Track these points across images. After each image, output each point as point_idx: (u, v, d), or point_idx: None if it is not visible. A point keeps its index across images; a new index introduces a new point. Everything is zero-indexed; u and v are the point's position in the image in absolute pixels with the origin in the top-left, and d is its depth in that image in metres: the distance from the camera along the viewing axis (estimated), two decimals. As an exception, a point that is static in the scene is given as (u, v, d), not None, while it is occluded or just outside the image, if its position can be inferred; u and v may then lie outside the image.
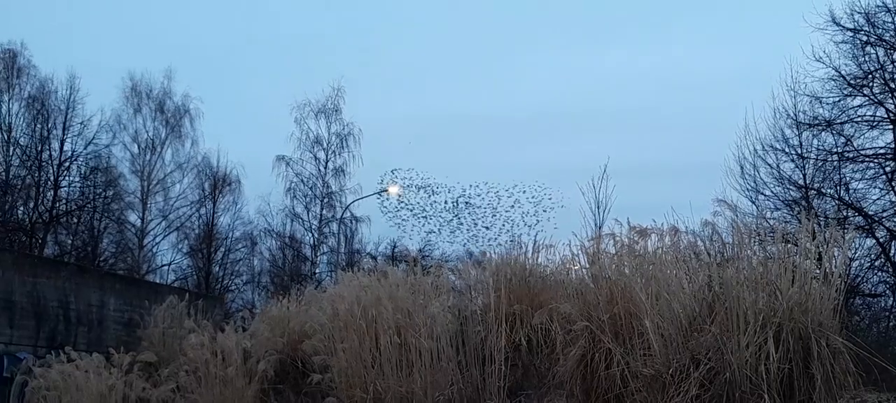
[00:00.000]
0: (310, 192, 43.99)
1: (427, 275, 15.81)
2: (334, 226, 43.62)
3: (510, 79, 65.00)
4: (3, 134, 37.30)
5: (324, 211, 43.95)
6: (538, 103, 62.90)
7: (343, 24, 66.42)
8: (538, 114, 60.37)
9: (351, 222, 43.81)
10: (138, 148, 40.78)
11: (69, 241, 38.24)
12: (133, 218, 40.27)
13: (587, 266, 14.00)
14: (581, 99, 62.58)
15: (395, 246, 44.32)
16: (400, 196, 42.65)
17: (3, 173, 36.85)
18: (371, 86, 62.08)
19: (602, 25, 66.21)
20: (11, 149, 37.22)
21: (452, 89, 64.85)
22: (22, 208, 37.37)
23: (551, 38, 65.97)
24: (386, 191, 41.88)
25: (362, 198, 42.61)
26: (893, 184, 20.44)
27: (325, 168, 44.19)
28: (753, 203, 21.55)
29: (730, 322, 11.04)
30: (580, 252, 14.21)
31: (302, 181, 43.98)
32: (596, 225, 17.45)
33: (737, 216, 13.15)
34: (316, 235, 43.71)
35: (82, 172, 38.56)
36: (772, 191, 21.82)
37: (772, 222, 17.06)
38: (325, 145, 44.35)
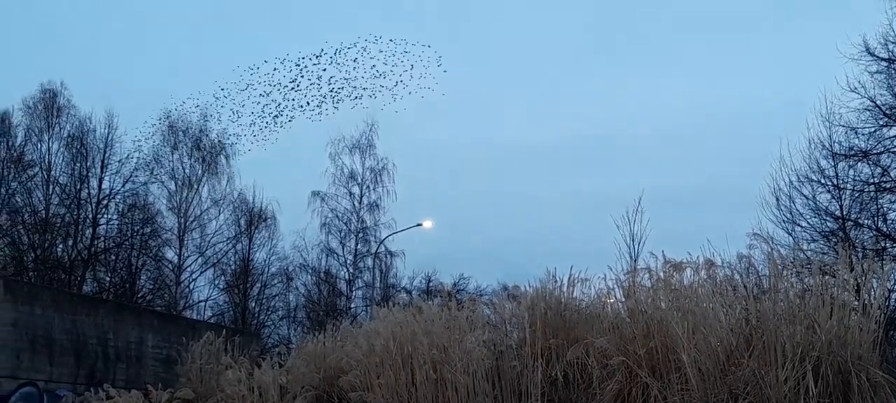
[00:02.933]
0: (344, 227, 44.28)
1: (462, 309, 15.78)
2: (369, 261, 43.81)
3: (541, 107, 64.83)
4: (43, 172, 37.92)
5: (358, 246, 44.21)
6: (569, 131, 62.67)
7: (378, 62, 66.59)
8: (569, 141, 60.17)
9: (386, 256, 44.04)
10: (175, 185, 41.25)
11: (108, 278, 38.70)
12: (170, 254, 40.69)
13: (623, 299, 13.96)
14: (611, 126, 62.42)
15: (429, 280, 44.46)
16: None
17: (43, 211, 37.39)
18: (404, 121, 62.19)
19: (634, 52, 66.03)
20: (51, 187, 37.82)
21: (484, 119, 64.82)
22: (61, 246, 37.91)
23: (581, 65, 65.89)
24: (420, 224, 41.93)
25: (397, 232, 42.80)
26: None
27: (360, 203, 44.49)
28: (790, 234, 21.44)
29: (768, 355, 10.95)
30: (616, 286, 14.17)
31: (337, 216, 44.29)
32: (631, 258, 17.37)
33: (773, 248, 13.07)
34: (351, 270, 43.92)
35: (120, 210, 39.15)
36: (808, 223, 21.71)
37: (808, 254, 16.93)
38: (359, 180, 44.66)
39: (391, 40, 43.84)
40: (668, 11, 63.00)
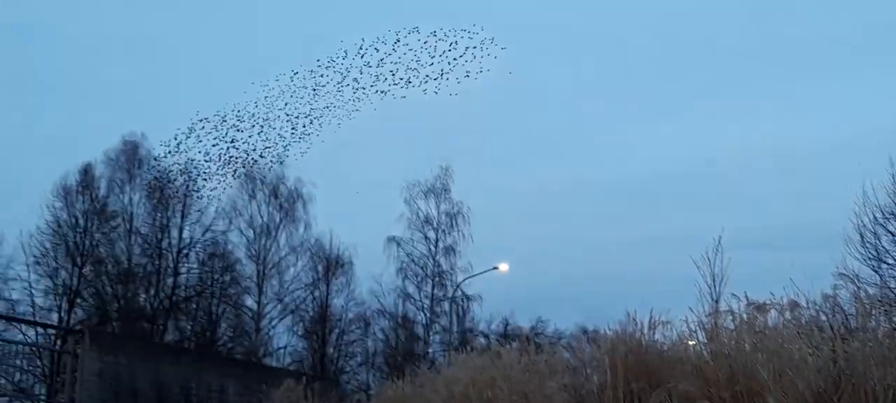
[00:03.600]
0: (421, 272, 44.37)
1: (541, 353, 15.68)
2: (446, 305, 43.80)
3: (616, 146, 64.42)
4: (125, 223, 38.71)
5: (435, 291, 44.26)
6: (647, 169, 62.08)
7: (451, 103, 67.00)
8: (647, 180, 59.53)
9: (462, 300, 43.94)
10: (253, 233, 41.79)
11: (189, 327, 39.26)
12: (249, 302, 41.20)
13: (706, 342, 13.72)
14: (685, 167, 61.66)
15: (507, 324, 44.25)
16: None
17: (126, 261, 38.13)
18: (480, 163, 62.28)
19: (707, 90, 65.35)
20: (133, 237, 38.59)
21: (559, 159, 64.52)
22: (144, 295, 38.60)
23: (648, 106, 65.35)
24: (496, 268, 41.79)
25: (473, 276, 42.70)
26: None
27: (436, 247, 44.58)
28: (876, 272, 20.88)
29: (858, 398, 10.65)
30: (698, 328, 13.93)
31: (413, 261, 44.42)
32: (712, 299, 17.08)
33: (859, 286, 12.75)
34: (428, 315, 43.95)
35: (200, 258, 39.78)
36: (895, 259, 21.13)
37: (897, 292, 16.49)
38: (434, 225, 44.78)
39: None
40: (744, 49, 62.26)
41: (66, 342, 25.04)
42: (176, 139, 33.90)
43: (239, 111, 33.71)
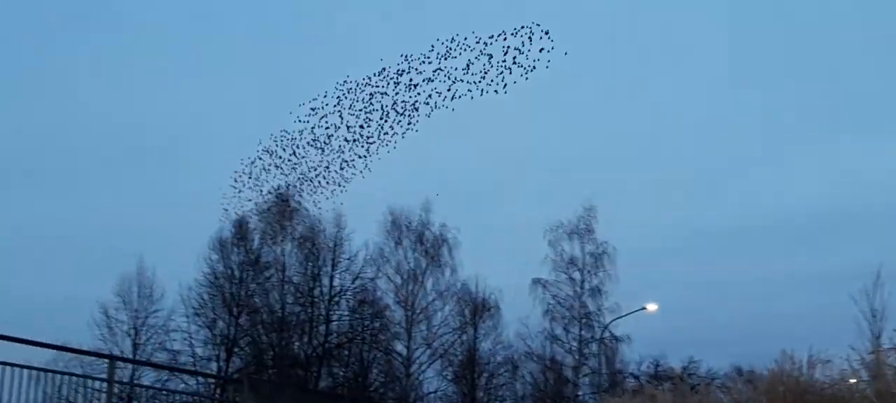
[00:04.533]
0: (567, 314, 44.03)
1: (695, 394, 15.45)
2: (594, 347, 43.32)
3: (765, 183, 62.90)
4: (278, 273, 39.89)
5: (582, 332, 43.83)
6: (794, 208, 60.34)
7: (591, 145, 66.77)
8: (794, 219, 57.89)
9: (611, 342, 43.39)
10: (401, 279, 42.35)
11: (341, 373, 40.03)
12: (399, 347, 41.66)
13: (869, 380, 13.30)
14: (837, 202, 59.67)
15: (658, 365, 43.48)
16: None
17: (280, 310, 39.24)
18: (622, 203, 61.68)
19: (858, 122, 63.25)
20: (286, 287, 39.71)
21: (703, 199, 63.42)
22: (297, 343, 39.59)
23: (796, 139, 63.63)
24: (644, 308, 41.15)
25: (621, 317, 42.13)
26: None
27: (582, 288, 44.23)
28: None
29: None
30: (860, 366, 13.53)
31: (559, 302, 44.14)
32: (873, 335, 16.55)
33: None
34: (576, 357, 43.55)
35: (351, 306, 40.59)
36: None
37: None
38: (579, 266, 44.48)
39: None
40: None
41: (225, 390, 25.97)
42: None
43: None
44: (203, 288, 38.96)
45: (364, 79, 28.18)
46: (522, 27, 25.55)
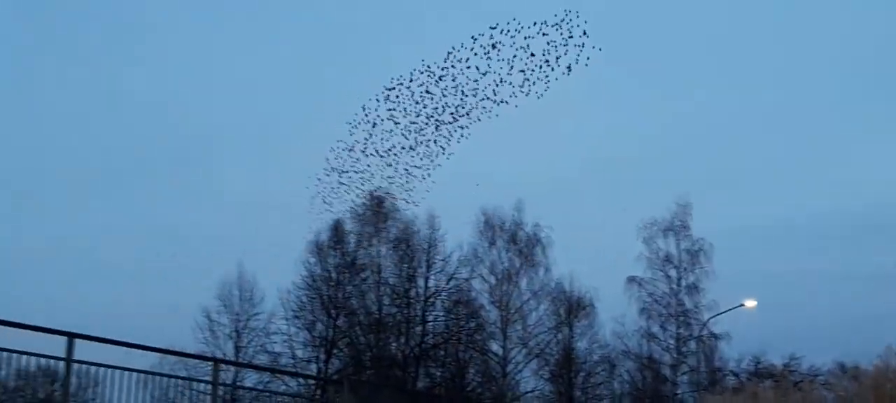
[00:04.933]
0: (664, 311, 43.59)
1: (798, 390, 15.21)
2: (692, 345, 42.79)
3: (867, 173, 61.35)
4: (374, 275, 40.35)
5: (680, 330, 43.33)
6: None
7: (682, 136, 65.97)
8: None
9: (709, 339, 42.79)
10: (495, 279, 42.40)
11: (438, 373, 40.28)
12: (495, 347, 41.69)
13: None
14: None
15: (758, 362, 42.73)
16: None
17: (377, 311, 39.69)
18: (718, 197, 60.76)
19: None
20: (382, 288, 40.14)
21: (806, 189, 62.09)
22: (394, 344, 39.98)
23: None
24: (743, 305, 40.44)
25: (719, 314, 41.47)
26: None
27: (678, 286, 43.76)
28: None
29: None
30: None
31: (655, 300, 43.74)
32: None
33: None
34: (674, 355, 43.08)
35: (446, 306, 40.80)
36: None
37: None
38: (675, 263, 44.01)
39: None
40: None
41: (325, 391, 26.37)
42: None
43: None
44: (302, 291, 39.66)
45: (412, 76, 28.33)
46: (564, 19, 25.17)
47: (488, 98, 27.54)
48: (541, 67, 25.71)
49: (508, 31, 25.25)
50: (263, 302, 39.29)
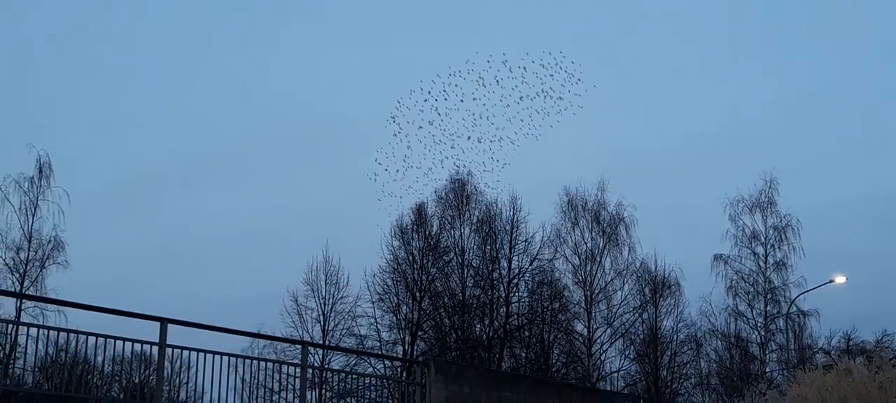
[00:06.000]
0: (751, 289, 43.01)
1: (893, 367, 14.87)
2: (781, 322, 42.14)
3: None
4: (457, 257, 40.51)
5: (768, 308, 42.71)
6: None
7: (769, 110, 64.95)
8: None
9: (798, 317, 42.08)
10: (578, 259, 42.28)
11: (523, 354, 40.31)
12: (579, 327, 41.66)
13: None
14: None
15: (849, 339, 41.95)
16: None
17: (461, 293, 39.84)
18: (805, 173, 59.73)
19: None
20: (466, 270, 40.29)
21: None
22: (479, 325, 40.11)
23: None
24: (832, 281, 39.66)
25: (808, 291, 40.75)
26: None
27: (765, 263, 43.11)
28: None
29: None
30: None
31: (742, 278, 43.15)
32: None
33: None
34: (762, 333, 42.47)
35: (530, 287, 40.82)
36: None
37: None
38: (762, 240, 43.35)
39: None
40: None
41: (412, 372, 26.54)
42: None
43: None
44: (386, 274, 39.96)
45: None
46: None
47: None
48: None
49: None
50: (349, 286, 39.67)
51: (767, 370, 41.46)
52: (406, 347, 38.77)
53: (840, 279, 39.30)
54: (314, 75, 67.55)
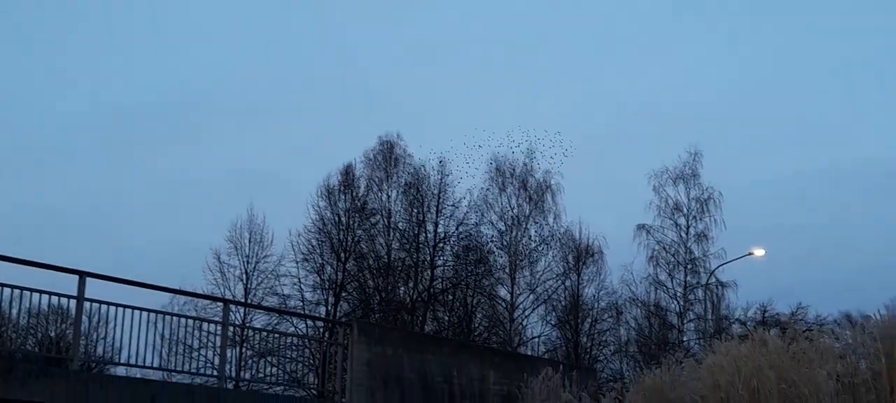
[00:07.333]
0: (672, 259, 43.63)
1: (806, 340, 15.20)
2: (700, 293, 42.90)
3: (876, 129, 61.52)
4: (383, 219, 40.45)
5: (688, 278, 43.39)
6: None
7: (693, 88, 65.91)
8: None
9: (717, 288, 42.86)
10: (505, 224, 42.44)
11: (446, 318, 40.47)
12: (503, 292, 41.88)
13: None
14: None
15: (765, 311, 42.87)
16: None
17: (386, 256, 39.82)
18: (729, 148, 60.79)
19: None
20: (392, 233, 40.28)
21: (801, 145, 62.27)
22: (403, 288, 40.15)
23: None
24: (751, 253, 40.46)
25: (727, 262, 41.56)
26: None
27: (687, 234, 43.75)
28: None
29: None
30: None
31: (664, 248, 43.74)
32: None
33: None
34: (681, 302, 43.17)
35: (455, 251, 40.94)
36: None
37: None
38: (685, 211, 43.97)
39: None
40: None
41: (334, 333, 26.46)
42: None
43: None
44: (311, 235, 39.79)
45: None
46: None
47: None
48: None
49: None
50: (273, 245, 39.42)
51: (685, 339, 42.15)
52: (329, 308, 38.67)
53: (759, 252, 40.14)
54: (250, 38, 66.98)
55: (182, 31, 66.71)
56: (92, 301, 14.52)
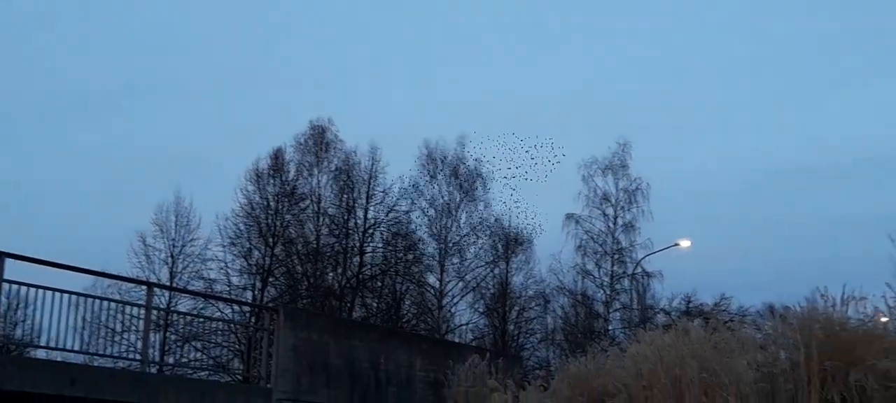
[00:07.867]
0: (600, 249, 44.03)
1: (728, 329, 15.47)
2: (626, 283, 43.40)
3: (804, 124, 62.68)
4: (313, 205, 40.19)
5: (614, 268, 43.85)
6: (837, 150, 60.00)
7: (629, 75, 66.51)
8: (834, 161, 57.63)
9: (643, 278, 43.39)
10: (435, 212, 42.42)
11: (375, 304, 40.40)
12: (432, 280, 41.90)
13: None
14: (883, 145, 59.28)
15: (689, 301, 43.51)
16: None
17: (315, 241, 39.57)
18: (659, 140, 61.53)
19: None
20: (321, 218, 40.04)
21: (737, 138, 63.25)
22: (331, 274, 39.96)
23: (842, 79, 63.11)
24: (678, 244, 41.02)
25: (653, 253, 42.10)
26: None
27: (615, 224, 44.20)
28: None
29: None
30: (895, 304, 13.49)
31: (592, 238, 44.13)
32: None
33: None
34: (607, 292, 43.63)
35: (385, 238, 40.85)
36: None
37: None
38: (613, 201, 44.40)
39: None
40: None
41: (260, 318, 26.26)
42: None
43: None
44: (239, 219, 39.37)
45: None
46: None
47: None
48: None
49: None
50: (200, 228, 38.94)
51: (610, 328, 42.65)
52: (256, 293, 38.33)
53: (685, 243, 40.70)
54: (179, 21, 66.01)
55: (110, 14, 65.46)
56: (11, 282, 14.19)
